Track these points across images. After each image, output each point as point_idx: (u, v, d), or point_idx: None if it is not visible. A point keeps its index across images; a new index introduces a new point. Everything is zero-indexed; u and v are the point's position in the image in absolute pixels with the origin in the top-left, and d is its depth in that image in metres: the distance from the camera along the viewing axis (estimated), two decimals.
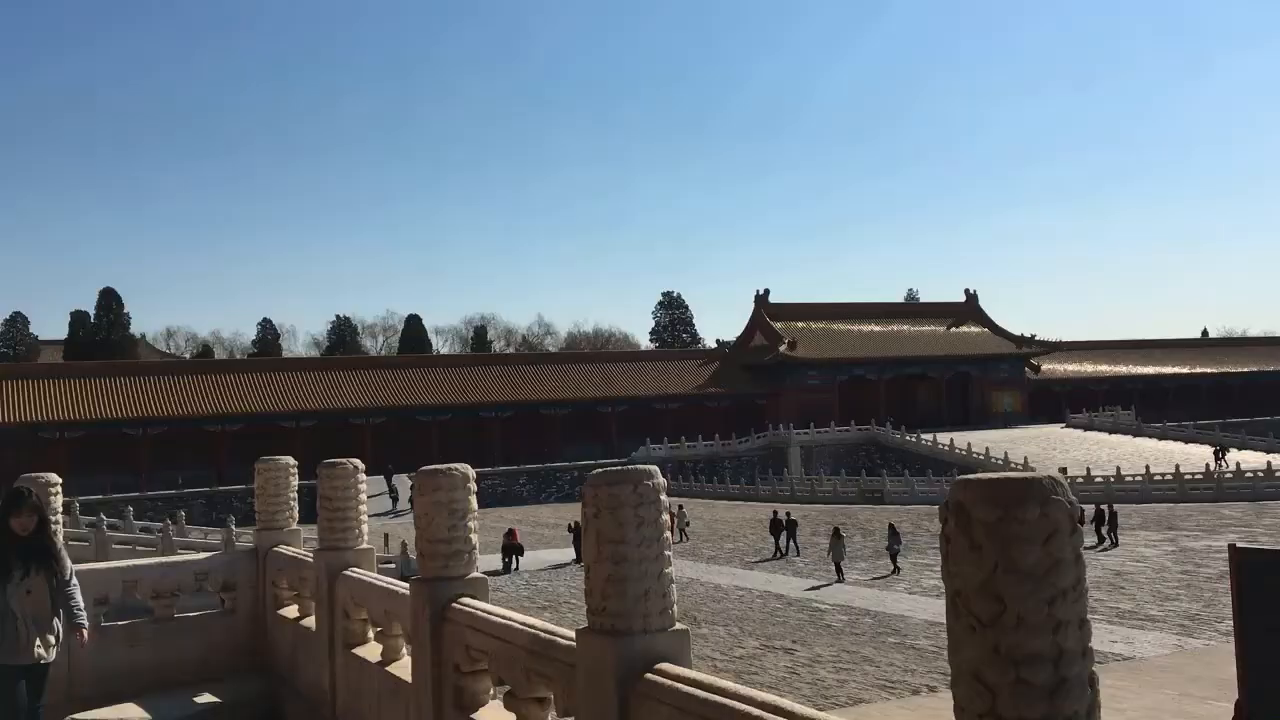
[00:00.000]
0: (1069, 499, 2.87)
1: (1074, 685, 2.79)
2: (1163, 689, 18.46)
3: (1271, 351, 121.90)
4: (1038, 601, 2.78)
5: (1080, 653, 2.83)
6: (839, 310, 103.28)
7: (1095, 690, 2.87)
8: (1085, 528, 22.88)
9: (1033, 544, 2.80)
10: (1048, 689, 2.75)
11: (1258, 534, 38.14)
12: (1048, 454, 75.49)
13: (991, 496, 2.85)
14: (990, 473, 3.30)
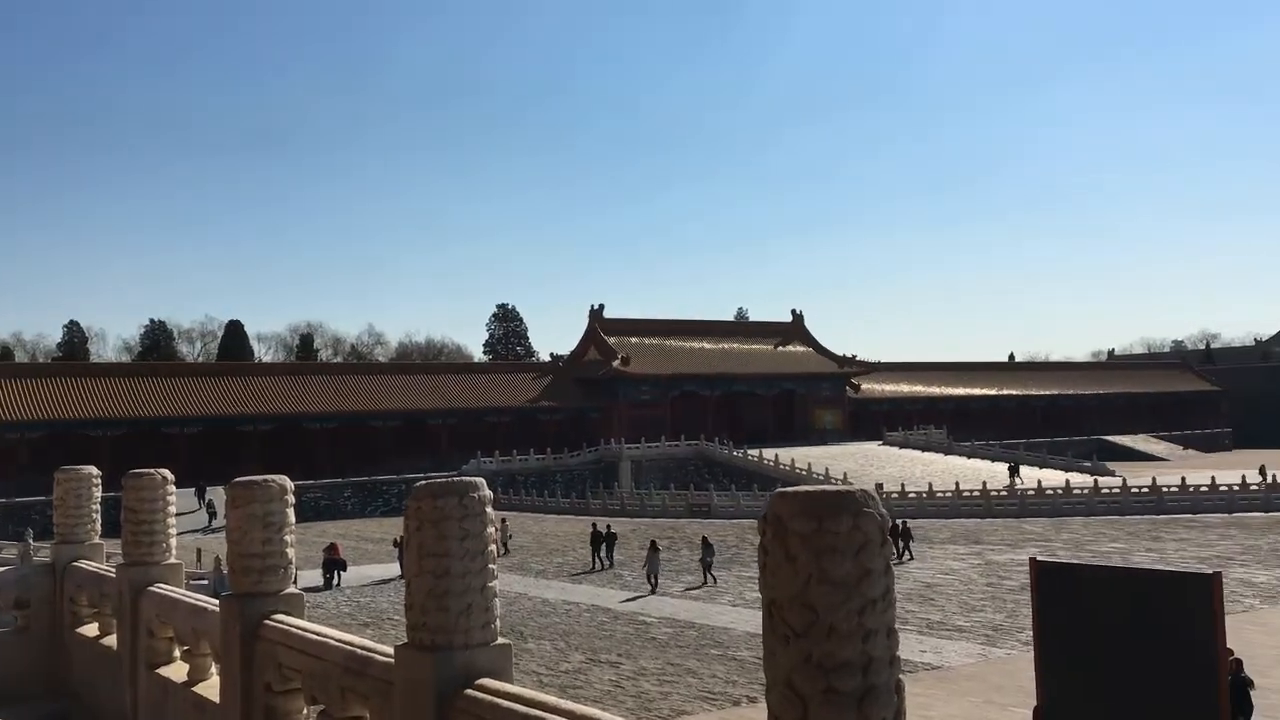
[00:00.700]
0: (880, 512, 2.97)
1: (881, 692, 2.88)
2: (968, 696, 19.35)
3: (1070, 376, 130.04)
4: (849, 611, 2.86)
5: (888, 660, 2.93)
6: (672, 327, 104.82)
7: (901, 697, 2.98)
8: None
9: (845, 555, 2.88)
10: (856, 696, 2.83)
11: (1056, 548, 40.47)
12: (865, 470, 78.34)
13: (807, 509, 2.92)
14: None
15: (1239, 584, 30.16)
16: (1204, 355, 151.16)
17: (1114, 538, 43.12)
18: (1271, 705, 16.61)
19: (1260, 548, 38.36)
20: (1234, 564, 34.28)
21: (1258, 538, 41.34)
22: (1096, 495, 56.73)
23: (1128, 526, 47.29)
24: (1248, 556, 36.21)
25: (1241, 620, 24.83)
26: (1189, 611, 12.15)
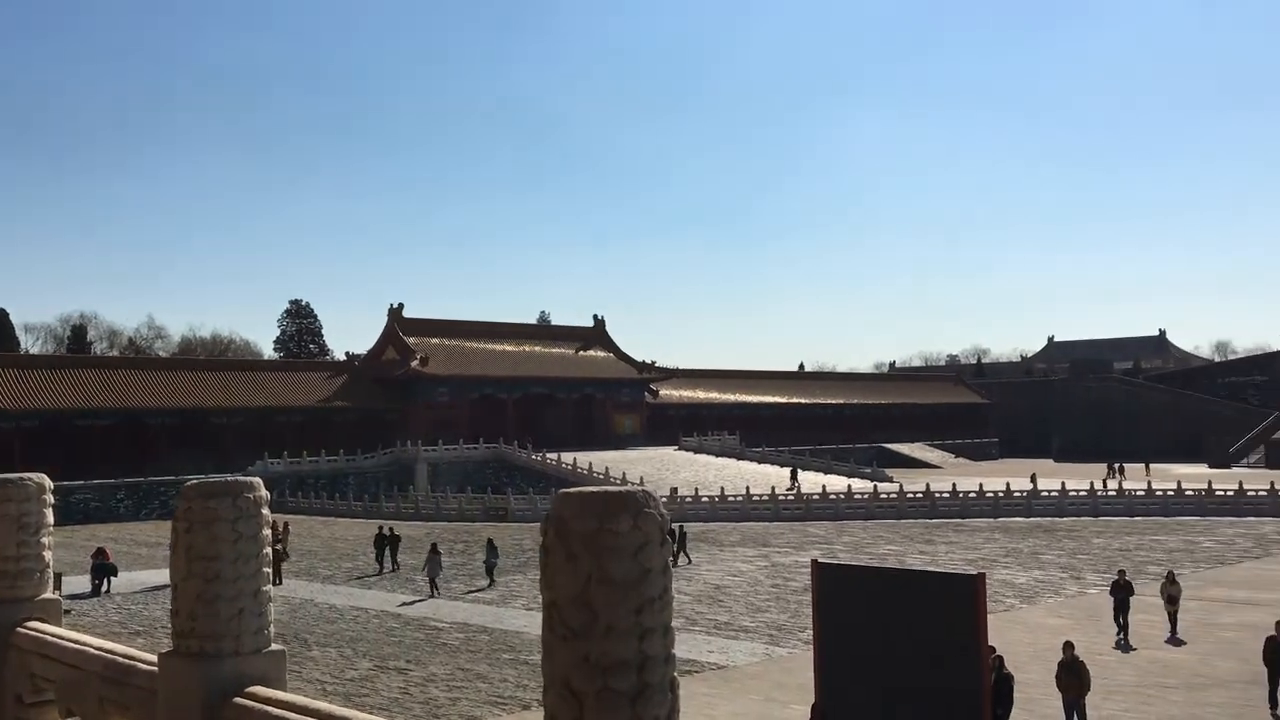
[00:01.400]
0: (659, 512, 3.02)
1: (656, 691, 2.92)
2: (751, 695, 19.94)
3: (855, 386, 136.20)
4: (627, 610, 2.89)
5: (663, 659, 2.97)
6: (473, 328, 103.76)
7: (675, 695, 3.03)
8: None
9: (625, 554, 2.91)
10: (631, 695, 2.86)
11: (837, 550, 42.28)
12: (661, 474, 79.70)
13: (589, 509, 2.94)
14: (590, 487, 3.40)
15: (1001, 585, 32.27)
16: (976, 370, 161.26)
17: (891, 540, 45.39)
18: (1029, 699, 17.81)
19: (1021, 550, 41.16)
20: (997, 566, 36.66)
21: (1019, 541, 44.36)
22: (876, 500, 59.58)
23: (904, 530, 49.88)
24: (1010, 559, 38.79)
25: (1003, 619, 26.56)
26: (955, 611, 12.91)
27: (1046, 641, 21.94)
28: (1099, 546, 41.95)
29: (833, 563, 18.11)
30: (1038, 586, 32.39)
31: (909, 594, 13.45)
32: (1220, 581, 32.88)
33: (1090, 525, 50.37)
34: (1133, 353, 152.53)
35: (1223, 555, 39.03)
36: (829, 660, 13.61)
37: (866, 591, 13.75)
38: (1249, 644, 20.63)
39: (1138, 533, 46.65)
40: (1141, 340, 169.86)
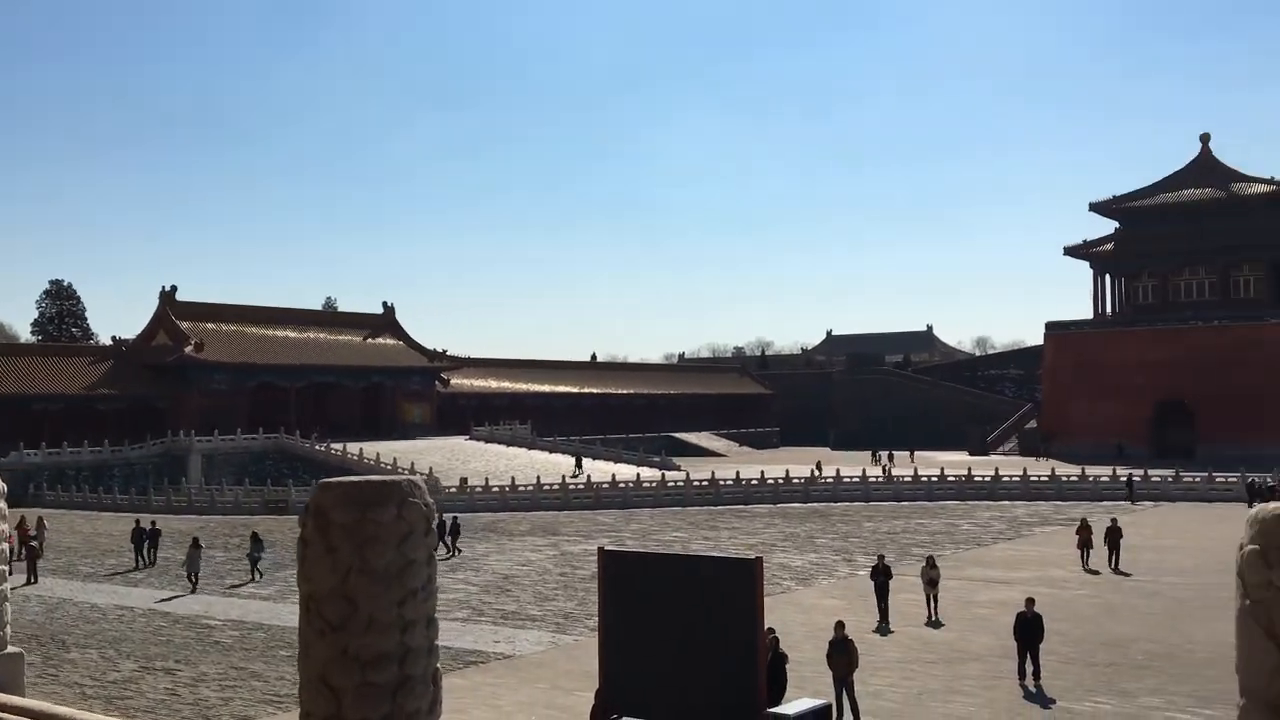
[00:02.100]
0: (425, 502, 2.96)
1: (417, 683, 2.86)
2: (537, 683, 19.96)
3: (646, 376, 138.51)
4: (389, 602, 2.82)
5: (426, 650, 2.92)
6: (253, 314, 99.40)
7: (438, 687, 2.98)
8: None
9: (388, 545, 2.83)
10: (391, 688, 2.79)
11: (625, 537, 42.89)
12: (451, 465, 78.72)
13: (351, 499, 2.84)
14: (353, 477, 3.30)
15: (779, 568, 33.51)
16: (760, 361, 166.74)
17: (677, 527, 46.42)
18: (803, 677, 18.55)
19: (799, 535, 42.87)
20: (776, 550, 38.06)
21: (797, 525, 46.20)
22: (664, 488, 60.79)
23: (689, 517, 51.11)
24: (788, 543, 40.34)
25: (780, 601, 27.59)
26: (734, 593, 13.31)
27: (820, 621, 22.91)
28: (869, 530, 44.17)
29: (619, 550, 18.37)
30: (813, 569, 33.80)
31: (691, 579, 13.77)
32: (977, 562, 35.17)
33: (862, 510, 52.99)
34: (904, 347, 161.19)
35: (980, 537, 41.78)
36: (614, 646, 13.79)
37: (651, 577, 14.00)
38: (1002, 620, 22.14)
39: (904, 517, 49.38)
40: (912, 335, 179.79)
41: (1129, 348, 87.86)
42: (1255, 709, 3.64)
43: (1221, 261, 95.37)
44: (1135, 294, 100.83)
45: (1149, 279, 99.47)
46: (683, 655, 13.15)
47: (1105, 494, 56.72)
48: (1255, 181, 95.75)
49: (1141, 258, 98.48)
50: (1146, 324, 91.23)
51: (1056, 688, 18.96)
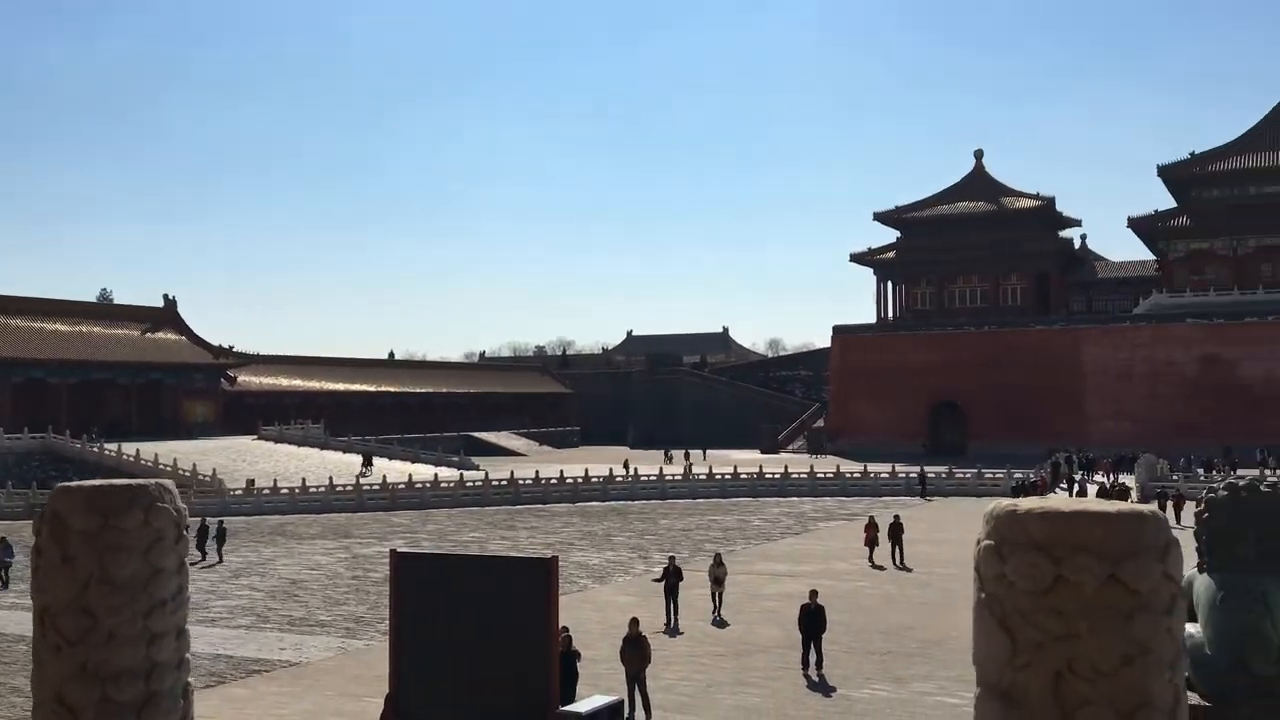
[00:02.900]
0: (177, 506, 2.78)
1: (165, 699, 2.70)
2: (325, 691, 19.34)
3: (446, 375, 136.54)
4: (133, 614, 2.64)
5: (175, 664, 2.75)
6: (17, 305, 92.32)
7: (189, 702, 2.81)
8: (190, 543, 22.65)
9: (133, 553, 2.66)
10: (136, 705, 2.62)
11: (421, 539, 42.17)
12: (238, 466, 75.38)
13: (93, 504, 2.65)
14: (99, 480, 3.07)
15: (577, 566, 33.67)
16: (561, 361, 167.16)
17: (475, 527, 45.97)
18: (596, 674, 18.67)
19: (596, 533, 43.20)
20: (574, 548, 38.23)
21: (595, 524, 46.55)
22: (461, 488, 60.08)
23: (488, 517, 50.72)
24: (585, 541, 40.59)
25: (576, 599, 27.71)
26: (529, 593, 13.27)
27: (615, 618, 23.12)
28: (665, 528, 44.95)
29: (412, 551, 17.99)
30: (610, 567, 34.12)
31: (486, 579, 13.67)
32: (766, 556, 36.32)
33: (659, 508, 53.89)
34: (701, 348, 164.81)
35: (769, 532, 43.18)
36: (405, 650, 13.53)
37: (445, 579, 13.82)
38: (788, 613, 22.89)
39: (699, 514, 50.52)
40: (709, 336, 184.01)
41: (908, 350, 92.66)
42: (989, 697, 3.86)
43: (992, 270, 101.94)
44: (914, 300, 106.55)
45: (927, 286, 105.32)
46: (476, 657, 13.05)
47: (885, 490, 59.65)
48: (1022, 196, 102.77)
49: (920, 265, 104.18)
50: (924, 328, 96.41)
51: (837, 676, 19.77)
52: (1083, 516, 3.79)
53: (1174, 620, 3.87)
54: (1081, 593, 3.64)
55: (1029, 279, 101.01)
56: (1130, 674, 3.59)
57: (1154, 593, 3.71)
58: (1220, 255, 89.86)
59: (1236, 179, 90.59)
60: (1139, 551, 3.68)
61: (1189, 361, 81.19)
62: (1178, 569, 3.94)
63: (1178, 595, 3.88)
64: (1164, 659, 3.73)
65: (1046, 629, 3.61)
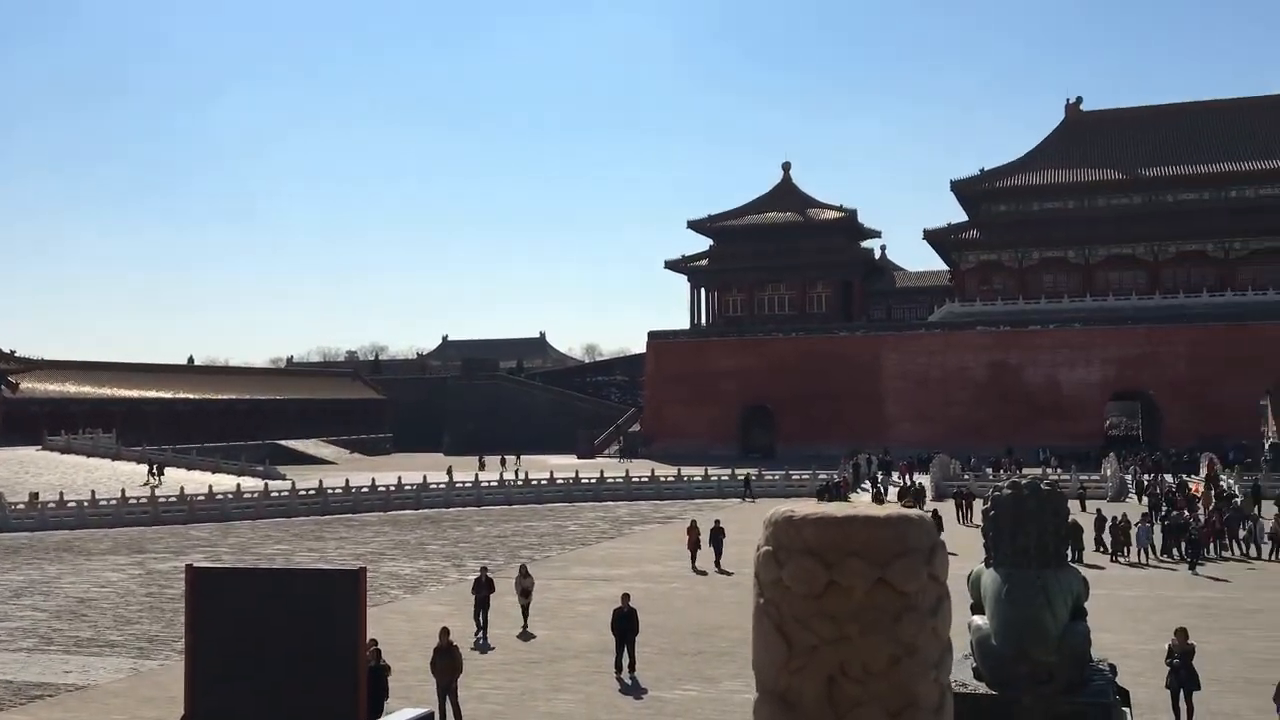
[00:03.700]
0: None
1: None
2: (114, 714, 18.33)
3: (250, 381, 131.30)
4: None
5: None
6: None
7: None
8: None
9: None
10: None
11: (222, 552, 40.43)
12: (20, 478, 70.48)
13: None
14: None
15: (388, 577, 33.00)
16: (373, 366, 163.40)
17: (280, 539, 44.40)
18: (407, 686, 18.35)
19: (409, 542, 42.43)
20: (385, 559, 37.44)
21: (408, 533, 45.71)
22: (266, 499, 57.94)
23: (294, 528, 49.07)
24: (398, 551, 39.81)
25: (388, 610, 27.17)
26: (335, 606, 12.91)
27: (427, 629, 22.76)
28: (480, 534, 44.58)
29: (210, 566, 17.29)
30: (422, 576, 33.58)
31: (291, 593, 13.23)
32: (581, 561, 36.51)
33: (474, 515, 53.39)
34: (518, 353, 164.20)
35: (585, 537, 43.41)
36: (203, 669, 12.95)
37: (246, 594, 13.32)
38: (602, 617, 23.08)
39: (515, 520, 50.32)
40: (526, 341, 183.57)
41: (720, 356, 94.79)
42: (766, 701, 4.01)
43: (799, 279, 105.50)
44: (727, 306, 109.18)
45: (738, 293, 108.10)
46: (279, 675, 12.61)
47: (698, 493, 60.87)
48: (827, 208, 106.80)
49: (732, 273, 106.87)
50: (735, 334, 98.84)
51: (650, 678, 20.06)
52: (854, 521, 3.98)
53: (939, 620, 4.11)
54: (852, 596, 3.82)
55: (834, 287, 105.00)
56: (898, 674, 3.80)
57: (920, 594, 3.93)
58: (1007, 266, 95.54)
59: (1021, 195, 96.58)
60: (906, 554, 3.90)
61: (978, 367, 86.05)
62: (943, 570, 4.18)
63: (943, 596, 4.12)
64: (930, 658, 3.96)
65: (820, 632, 3.77)
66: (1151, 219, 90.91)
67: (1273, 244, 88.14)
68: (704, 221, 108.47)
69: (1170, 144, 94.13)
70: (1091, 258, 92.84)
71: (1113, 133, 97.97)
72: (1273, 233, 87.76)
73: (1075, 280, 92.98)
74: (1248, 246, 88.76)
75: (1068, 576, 13.94)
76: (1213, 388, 79.27)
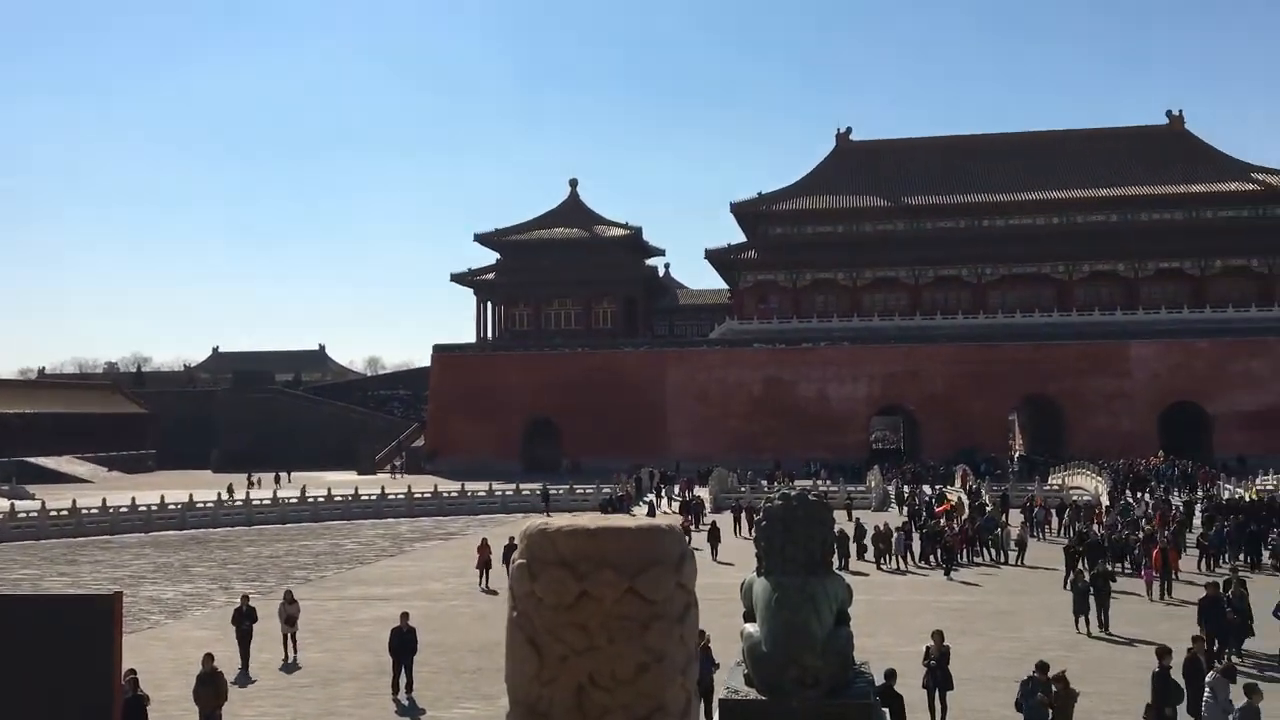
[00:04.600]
0: None
1: None
2: None
3: None
4: None
5: None
6: None
7: None
8: None
9: None
10: None
11: None
12: None
13: None
14: None
15: (148, 601, 31.18)
16: (136, 378, 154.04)
17: (28, 564, 41.23)
18: (168, 715, 17.42)
19: (173, 564, 40.21)
20: (145, 582, 35.36)
21: (171, 555, 43.30)
22: (12, 520, 53.59)
23: (44, 551, 45.69)
24: (159, 574, 37.65)
25: (148, 637, 25.69)
26: (87, 636, 12.10)
27: (190, 655, 21.66)
28: (251, 555, 42.75)
29: None
30: (186, 600, 31.92)
31: (34, 623, 12.29)
32: (359, 580, 35.57)
33: (244, 534, 51.12)
34: (296, 365, 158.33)
35: (363, 555, 42.32)
36: None
37: None
38: (380, 637, 22.53)
39: (289, 539, 48.51)
40: (304, 354, 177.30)
41: (506, 370, 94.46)
42: (517, 713, 4.08)
43: (585, 294, 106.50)
44: (513, 320, 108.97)
45: (525, 307, 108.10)
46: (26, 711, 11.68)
47: (481, 508, 60.39)
48: (613, 225, 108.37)
49: (519, 287, 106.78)
50: (521, 348, 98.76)
51: (428, 698, 19.76)
52: (606, 533, 4.10)
53: (686, 628, 4.28)
54: (602, 606, 3.93)
55: (618, 303, 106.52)
56: (646, 681, 3.93)
57: (668, 602, 4.08)
58: (783, 287, 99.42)
59: (796, 218, 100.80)
60: (655, 563, 4.04)
61: (755, 383, 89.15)
62: (691, 579, 4.37)
63: (690, 604, 4.30)
64: (677, 664, 4.12)
65: (570, 643, 3.86)
66: (913, 245, 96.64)
67: (1020, 270, 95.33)
68: (491, 235, 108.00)
69: (931, 175, 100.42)
70: (859, 280, 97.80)
71: (879, 162, 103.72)
72: (1019, 260, 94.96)
73: (844, 301, 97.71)
74: (998, 272, 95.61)
75: (833, 584, 14.65)
76: (966, 404, 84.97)
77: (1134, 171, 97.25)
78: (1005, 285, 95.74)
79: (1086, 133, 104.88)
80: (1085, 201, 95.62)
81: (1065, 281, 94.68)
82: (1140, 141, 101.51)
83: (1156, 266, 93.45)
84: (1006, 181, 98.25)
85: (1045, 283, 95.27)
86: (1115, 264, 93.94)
